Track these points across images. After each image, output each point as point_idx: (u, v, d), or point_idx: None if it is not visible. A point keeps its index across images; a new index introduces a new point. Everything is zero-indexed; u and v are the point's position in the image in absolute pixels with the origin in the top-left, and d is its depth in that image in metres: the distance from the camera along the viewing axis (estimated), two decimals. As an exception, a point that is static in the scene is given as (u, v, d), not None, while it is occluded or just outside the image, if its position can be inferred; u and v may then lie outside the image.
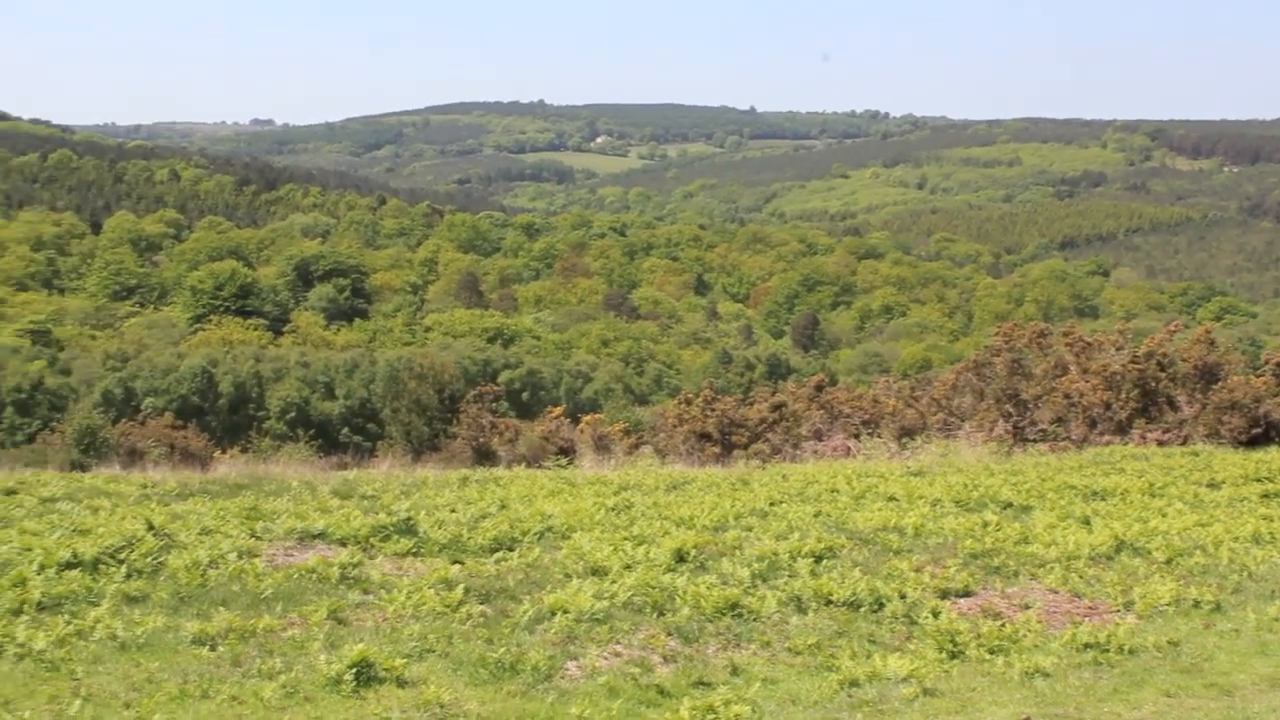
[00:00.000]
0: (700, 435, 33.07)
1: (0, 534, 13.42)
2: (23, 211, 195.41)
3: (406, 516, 14.49)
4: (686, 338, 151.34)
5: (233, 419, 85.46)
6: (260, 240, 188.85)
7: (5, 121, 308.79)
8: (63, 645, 9.40)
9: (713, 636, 10.34)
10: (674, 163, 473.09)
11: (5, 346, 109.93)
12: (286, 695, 8.48)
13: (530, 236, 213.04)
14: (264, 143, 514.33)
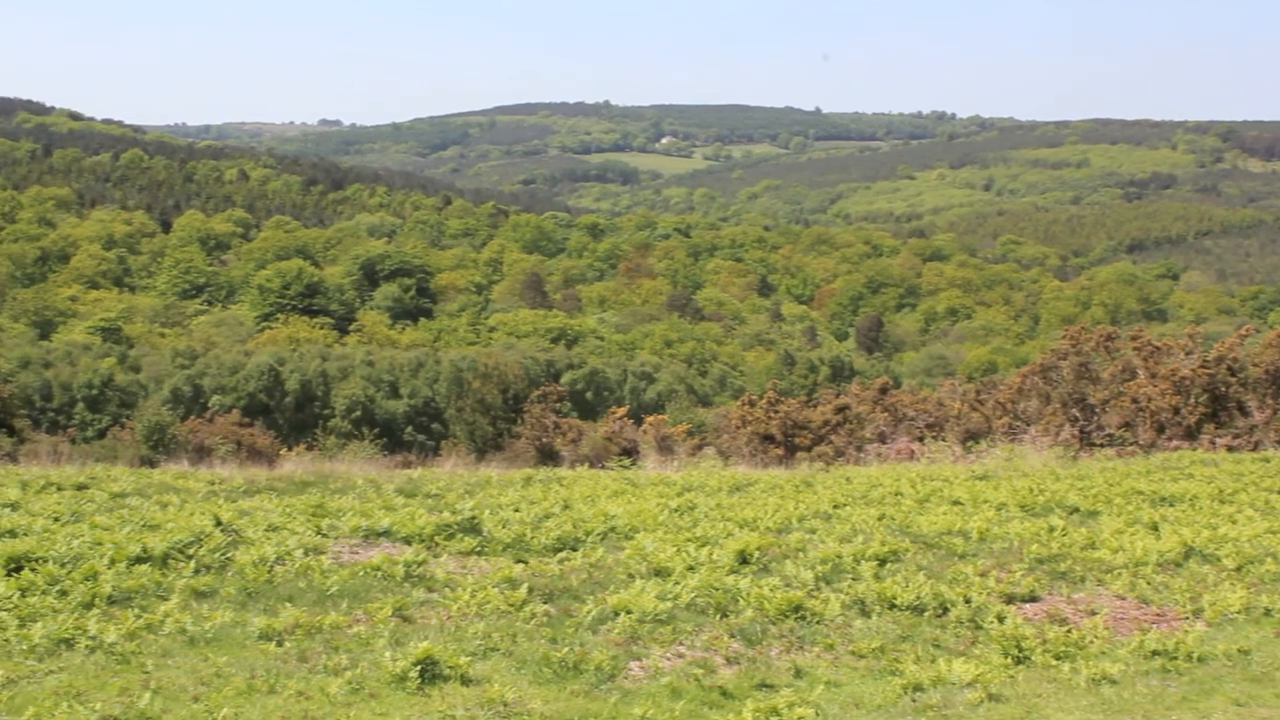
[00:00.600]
0: (764, 437, 33.03)
1: (72, 528, 13.62)
2: (95, 210, 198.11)
3: (471, 515, 14.56)
4: (750, 339, 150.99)
5: (298, 417, 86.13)
6: (327, 240, 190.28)
7: (79, 122, 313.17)
8: (133, 638, 9.52)
9: (776, 639, 10.32)
10: (739, 164, 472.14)
11: (77, 344, 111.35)
12: (352, 691, 8.55)
13: (595, 237, 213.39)
14: (331, 143, 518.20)
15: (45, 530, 13.55)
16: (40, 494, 16.69)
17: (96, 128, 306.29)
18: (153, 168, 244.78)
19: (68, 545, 12.32)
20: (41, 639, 9.32)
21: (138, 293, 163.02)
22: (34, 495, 16.49)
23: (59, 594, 10.69)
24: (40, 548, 12.14)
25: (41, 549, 12.09)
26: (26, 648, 9.18)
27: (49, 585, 10.89)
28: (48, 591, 10.73)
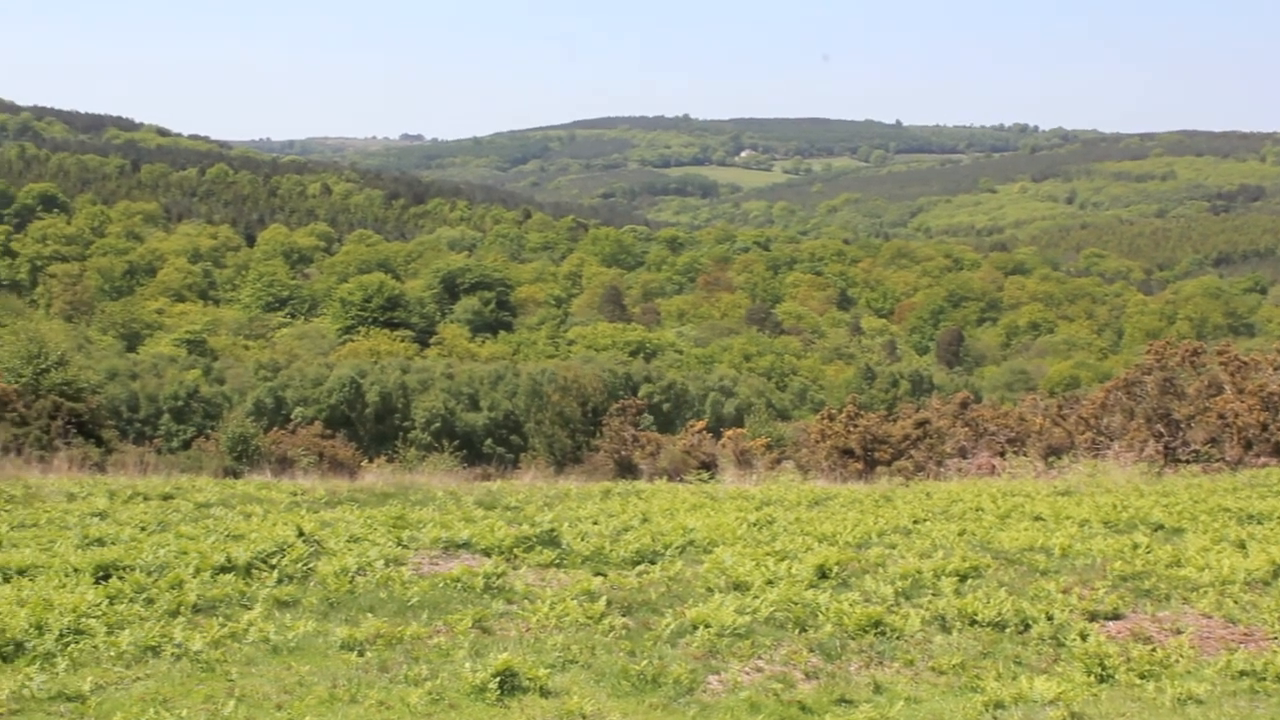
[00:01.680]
0: (843, 451, 32.91)
1: (158, 538, 13.82)
2: (181, 224, 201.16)
3: (550, 528, 14.62)
4: (829, 353, 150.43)
5: (379, 429, 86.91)
6: (408, 253, 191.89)
7: (166, 138, 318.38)
8: (217, 646, 9.65)
9: (855, 654, 10.26)
10: (819, 177, 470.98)
11: (163, 355, 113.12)
12: (432, 702, 8.61)
13: (674, 251, 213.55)
14: (413, 157, 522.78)
15: (132, 539, 13.77)
16: (128, 504, 16.96)
17: (183, 143, 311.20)
18: (238, 182, 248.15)
19: (154, 554, 12.51)
20: (129, 646, 9.47)
21: (222, 306, 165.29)
22: (121, 505, 16.76)
23: (146, 602, 10.86)
24: (128, 556, 12.35)
25: (129, 558, 12.29)
26: (114, 654, 9.33)
27: (136, 593, 11.07)
28: (135, 599, 10.91)
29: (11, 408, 39.44)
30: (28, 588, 11.07)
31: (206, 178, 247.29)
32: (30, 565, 12.13)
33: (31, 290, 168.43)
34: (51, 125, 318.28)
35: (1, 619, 9.70)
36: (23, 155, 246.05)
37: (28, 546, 13.26)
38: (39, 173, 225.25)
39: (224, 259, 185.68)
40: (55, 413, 40.62)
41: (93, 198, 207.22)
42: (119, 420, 74.66)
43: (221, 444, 49.67)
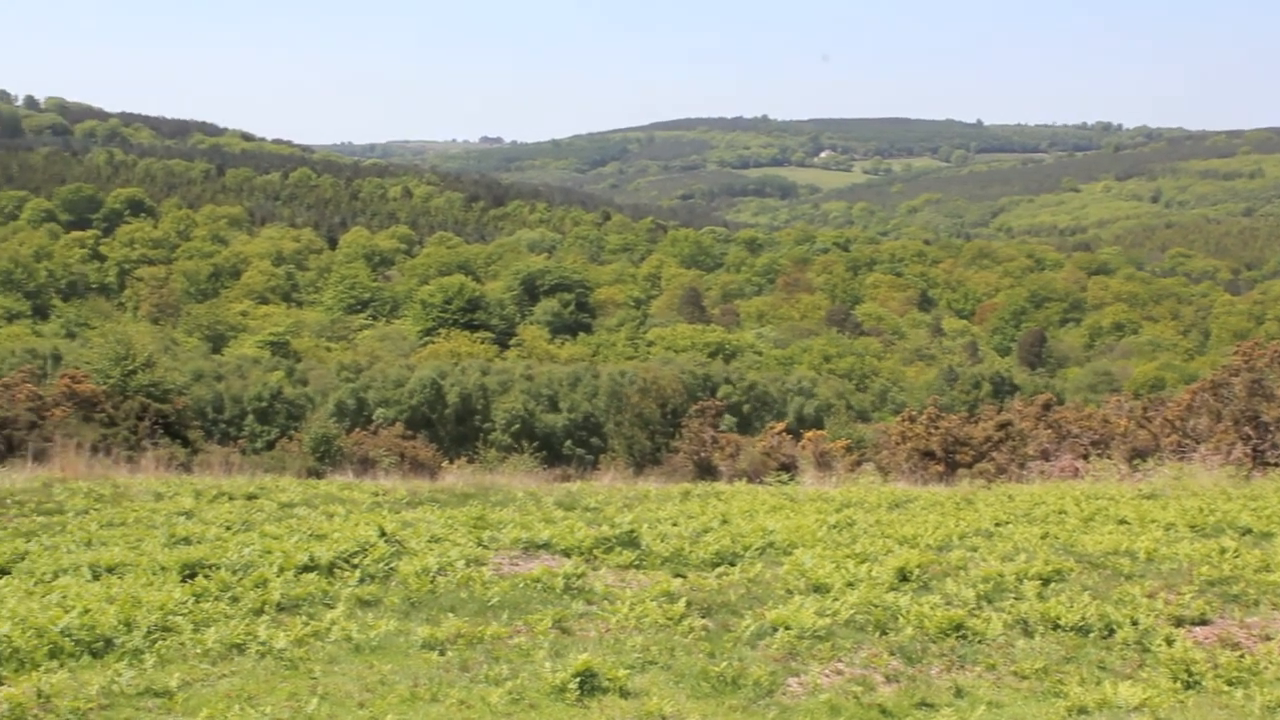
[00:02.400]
0: (924, 453, 32.70)
1: (243, 537, 13.99)
2: (265, 228, 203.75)
3: (629, 529, 14.63)
4: (910, 354, 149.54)
5: (459, 430, 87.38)
6: (488, 255, 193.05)
7: (250, 142, 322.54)
8: (301, 645, 9.76)
9: (936, 657, 10.19)
10: (898, 177, 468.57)
11: (247, 357, 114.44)
12: (513, 701, 8.65)
13: (753, 252, 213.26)
14: (493, 160, 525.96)
15: (218, 538, 13.95)
16: (213, 503, 17.17)
17: (267, 148, 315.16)
18: (320, 186, 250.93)
19: (239, 553, 12.66)
20: (215, 643, 9.60)
21: (305, 308, 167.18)
22: (207, 504, 16.98)
23: (231, 600, 11.00)
24: (213, 555, 12.51)
25: (214, 556, 12.46)
26: (201, 651, 9.46)
27: (221, 591, 11.22)
28: (220, 598, 11.05)
29: (100, 408, 40.13)
30: (116, 585, 11.24)
31: (290, 181, 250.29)
32: (119, 563, 12.32)
33: (119, 293, 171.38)
34: (139, 131, 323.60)
35: (92, 616, 9.87)
36: (111, 161, 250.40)
37: (116, 545, 13.47)
38: (127, 178, 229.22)
39: (307, 262, 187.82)
40: (143, 413, 41.28)
41: (179, 202, 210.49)
42: (204, 421, 75.64)
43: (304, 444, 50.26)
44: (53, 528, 14.82)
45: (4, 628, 9.33)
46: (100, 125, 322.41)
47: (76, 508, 16.30)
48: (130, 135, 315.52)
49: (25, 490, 17.47)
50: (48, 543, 13.70)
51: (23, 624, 9.52)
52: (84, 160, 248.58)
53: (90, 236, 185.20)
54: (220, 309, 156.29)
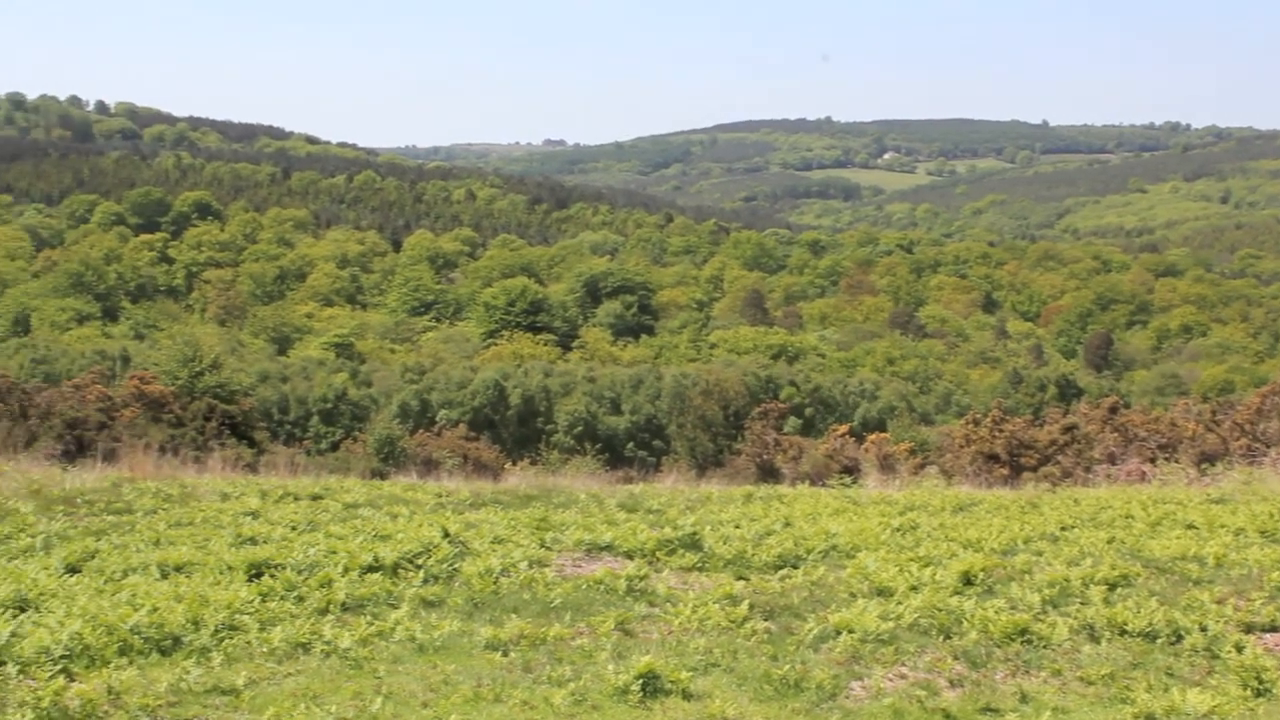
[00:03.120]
0: (988, 456, 32.48)
1: (308, 537, 14.11)
2: (330, 231, 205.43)
3: (692, 531, 14.63)
4: (974, 357, 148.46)
5: (522, 431, 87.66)
6: (551, 257, 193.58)
7: (316, 145, 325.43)
8: (365, 645, 9.83)
9: (1001, 662, 10.12)
10: (963, 178, 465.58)
11: (312, 359, 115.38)
12: (575, 702, 8.67)
13: (816, 254, 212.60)
14: (556, 162, 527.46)
15: (283, 538, 14.06)
16: (278, 503, 17.31)
17: (332, 151, 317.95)
18: (384, 189, 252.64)
19: (304, 553, 12.77)
20: (280, 642, 9.69)
21: (369, 310, 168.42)
22: (273, 504, 17.12)
23: (296, 600, 11.10)
24: (279, 555, 12.62)
25: (280, 556, 12.57)
26: (267, 650, 9.55)
27: (287, 591, 11.32)
28: (286, 597, 11.15)
29: (169, 409, 40.58)
30: (184, 584, 11.37)
31: (354, 184, 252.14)
32: (187, 562, 12.46)
33: (187, 295, 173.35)
34: (206, 135, 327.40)
35: (160, 614, 9.98)
36: (179, 164, 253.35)
37: (184, 544, 13.61)
38: (194, 181, 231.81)
39: (371, 264, 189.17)
40: (210, 414, 41.70)
41: (245, 205, 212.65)
42: (270, 422, 76.32)
43: (369, 446, 50.61)
44: (122, 527, 15.00)
45: (75, 625, 9.47)
46: (169, 129, 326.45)
47: (145, 507, 16.49)
48: (198, 139, 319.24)
49: (95, 490, 17.69)
50: (117, 542, 13.87)
51: (93, 622, 9.65)
52: (153, 164, 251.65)
53: (159, 239, 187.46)
54: (286, 311, 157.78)
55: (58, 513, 15.72)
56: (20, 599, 10.57)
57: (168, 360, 59.08)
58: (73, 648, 9.16)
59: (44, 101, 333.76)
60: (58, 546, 13.50)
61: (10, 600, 10.45)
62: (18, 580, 11.22)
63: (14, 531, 14.33)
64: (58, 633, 9.32)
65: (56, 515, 15.53)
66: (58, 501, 16.57)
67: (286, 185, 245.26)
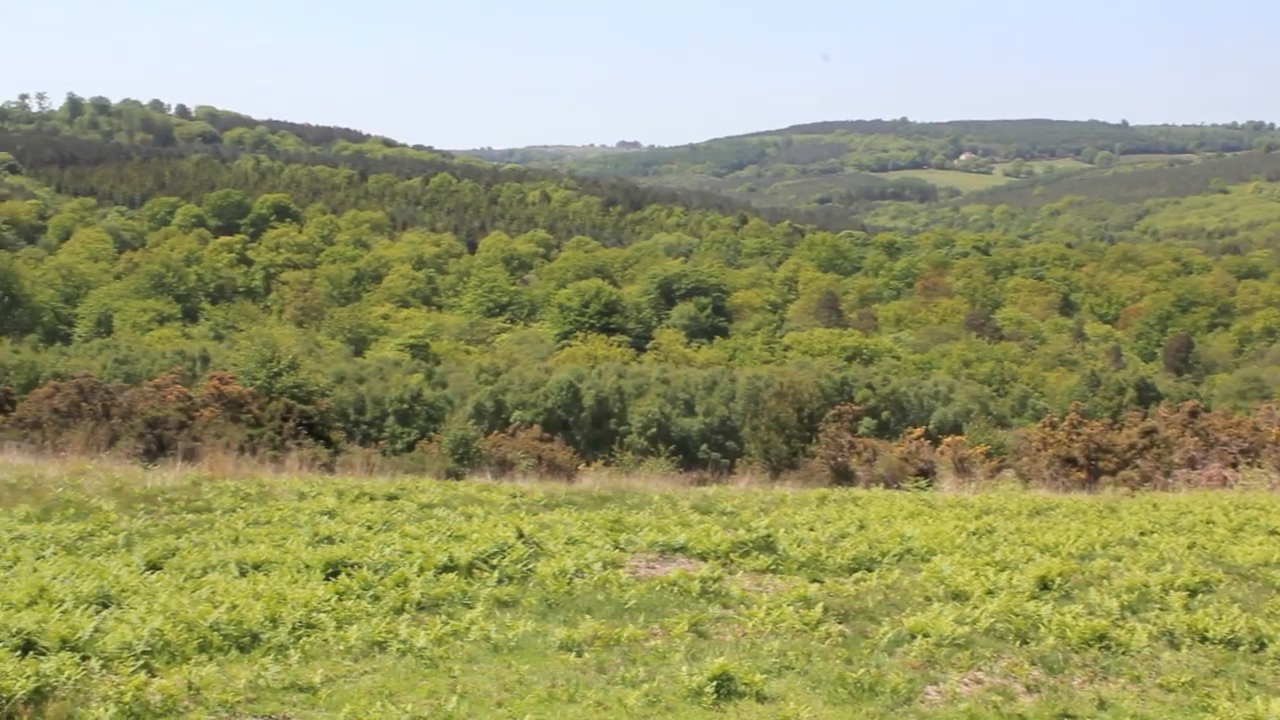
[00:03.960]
0: (1065, 460, 32.14)
1: (384, 537, 14.23)
2: (406, 232, 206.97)
3: (766, 534, 14.61)
4: (1051, 359, 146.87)
5: (596, 433, 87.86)
6: (625, 259, 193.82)
7: (392, 148, 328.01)
8: (440, 644, 9.90)
9: (1078, 668, 10.02)
10: (1040, 179, 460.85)
11: (388, 360, 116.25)
12: (649, 704, 8.68)
13: (891, 255, 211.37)
14: (630, 164, 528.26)
15: (360, 538, 14.19)
16: (355, 503, 17.46)
17: (408, 153, 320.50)
18: (460, 191, 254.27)
19: (380, 553, 12.89)
20: (357, 641, 9.79)
21: (445, 311, 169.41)
22: (349, 504, 17.26)
23: (372, 599, 11.20)
24: (355, 554, 12.74)
25: (356, 555, 12.69)
26: (343, 648, 9.65)
27: (363, 590, 11.43)
28: (362, 596, 11.26)
29: (247, 409, 41.00)
30: (263, 582, 11.50)
31: (430, 187, 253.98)
32: (265, 561, 12.60)
33: (265, 297, 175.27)
34: (285, 138, 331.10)
35: (239, 612, 10.11)
36: (258, 167, 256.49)
37: (262, 543, 13.76)
38: (273, 184, 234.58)
39: (446, 265, 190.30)
40: (287, 414, 42.06)
41: (323, 207, 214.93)
42: (346, 422, 76.95)
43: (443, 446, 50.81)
44: (202, 525, 15.19)
45: (156, 621, 9.60)
46: (248, 133, 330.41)
47: (224, 506, 16.69)
48: (276, 142, 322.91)
49: (175, 488, 17.92)
50: (197, 540, 14.06)
51: (174, 618, 9.79)
52: (232, 167, 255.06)
53: (238, 241, 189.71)
54: (362, 312, 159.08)
55: (139, 511, 15.97)
56: (103, 595, 10.74)
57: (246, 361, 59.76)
58: (154, 643, 9.30)
59: (127, 106, 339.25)
60: (139, 544, 13.71)
61: (94, 596, 10.62)
62: (101, 577, 11.40)
63: (97, 529, 14.57)
64: (139, 629, 9.47)
65: (138, 513, 15.77)
66: (139, 500, 16.82)
67: (363, 187, 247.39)
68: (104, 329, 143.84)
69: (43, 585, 10.73)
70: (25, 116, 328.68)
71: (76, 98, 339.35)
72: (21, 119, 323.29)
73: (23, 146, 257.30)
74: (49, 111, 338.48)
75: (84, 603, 10.36)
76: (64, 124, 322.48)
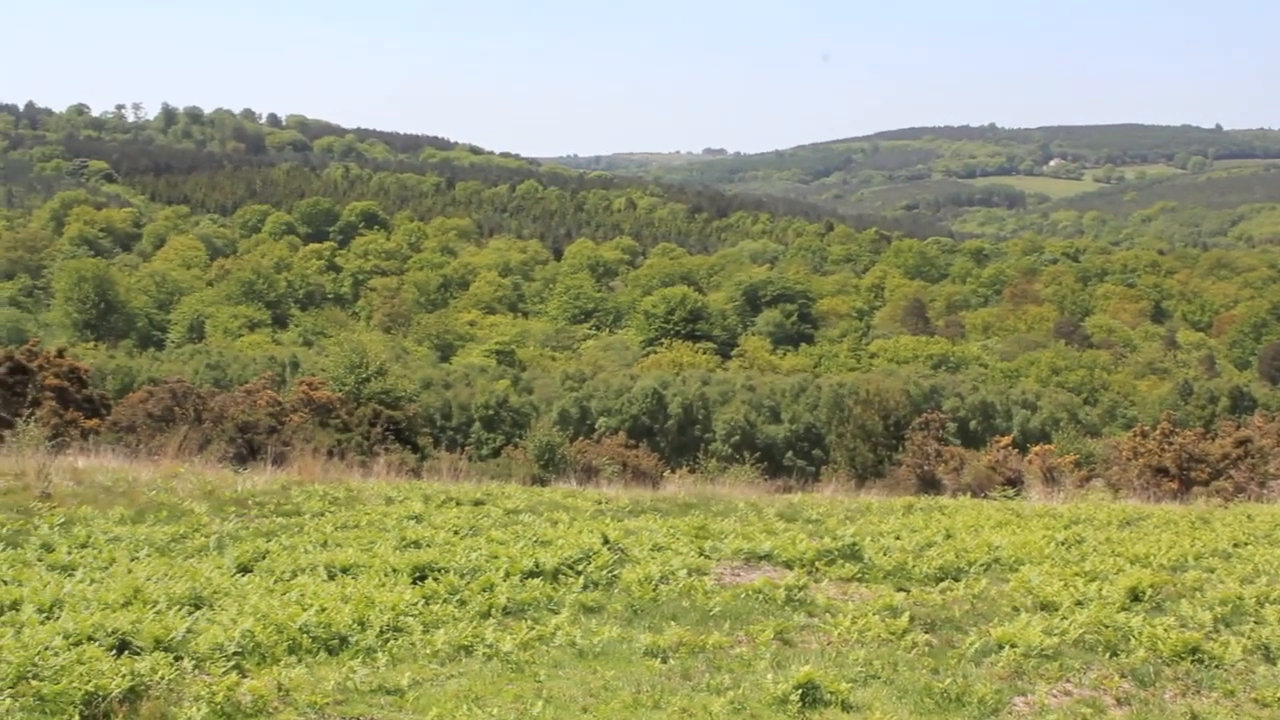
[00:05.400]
0: (1156, 470, 31.73)
1: (470, 542, 14.33)
2: (493, 240, 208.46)
3: (851, 542, 14.55)
4: (1142, 368, 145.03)
5: (680, 439, 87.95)
6: (710, 266, 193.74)
7: (479, 156, 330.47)
8: (526, 649, 9.95)
9: (1170, 681, 9.88)
10: (1131, 185, 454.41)
11: (474, 366, 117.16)
12: (734, 711, 8.67)
13: (979, 262, 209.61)
14: (716, 171, 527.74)
15: (446, 542, 14.29)
16: (441, 508, 17.59)
17: (495, 161, 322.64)
18: (546, 198, 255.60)
19: (466, 557, 12.98)
20: (443, 645, 9.86)
21: (531, 318, 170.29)
22: (435, 509, 17.40)
23: (459, 603, 11.28)
24: (442, 559, 12.84)
25: (443, 560, 12.79)
26: (430, 652, 9.72)
27: (450, 594, 11.51)
28: (449, 600, 11.34)
29: (336, 414, 41.50)
30: (351, 585, 11.61)
31: (516, 194, 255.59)
32: (353, 564, 12.73)
33: (353, 303, 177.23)
34: (373, 146, 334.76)
35: (328, 614, 10.22)
36: (347, 175, 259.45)
37: (350, 546, 13.90)
38: (361, 191, 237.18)
39: (532, 272, 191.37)
40: (375, 419, 42.52)
41: (410, 214, 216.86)
42: (433, 427, 77.57)
43: (529, 452, 51.12)
44: (291, 528, 15.38)
45: (247, 623, 9.74)
46: (337, 141, 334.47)
47: (313, 510, 16.89)
48: (365, 150, 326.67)
49: (266, 492, 18.16)
50: (286, 543, 14.23)
51: (264, 620, 9.91)
52: (322, 175, 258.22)
53: (327, 248, 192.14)
54: (449, 318, 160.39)
55: (230, 514, 16.19)
56: (195, 597, 10.91)
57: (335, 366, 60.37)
58: (245, 645, 9.43)
59: (219, 115, 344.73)
60: (230, 546, 13.91)
61: (186, 598, 10.79)
62: (193, 579, 11.58)
63: (189, 531, 14.81)
64: (230, 630, 9.61)
65: (229, 516, 15.99)
66: (230, 503, 17.06)
67: (450, 195, 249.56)
68: (196, 335, 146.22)
69: (137, 586, 10.92)
70: (122, 126, 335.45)
71: (171, 107, 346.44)
72: (118, 129, 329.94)
73: (119, 156, 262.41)
74: (144, 121, 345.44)
75: (177, 604, 10.54)
76: (159, 133, 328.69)
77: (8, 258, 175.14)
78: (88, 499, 16.65)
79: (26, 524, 14.74)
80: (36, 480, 17.05)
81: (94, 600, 10.54)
